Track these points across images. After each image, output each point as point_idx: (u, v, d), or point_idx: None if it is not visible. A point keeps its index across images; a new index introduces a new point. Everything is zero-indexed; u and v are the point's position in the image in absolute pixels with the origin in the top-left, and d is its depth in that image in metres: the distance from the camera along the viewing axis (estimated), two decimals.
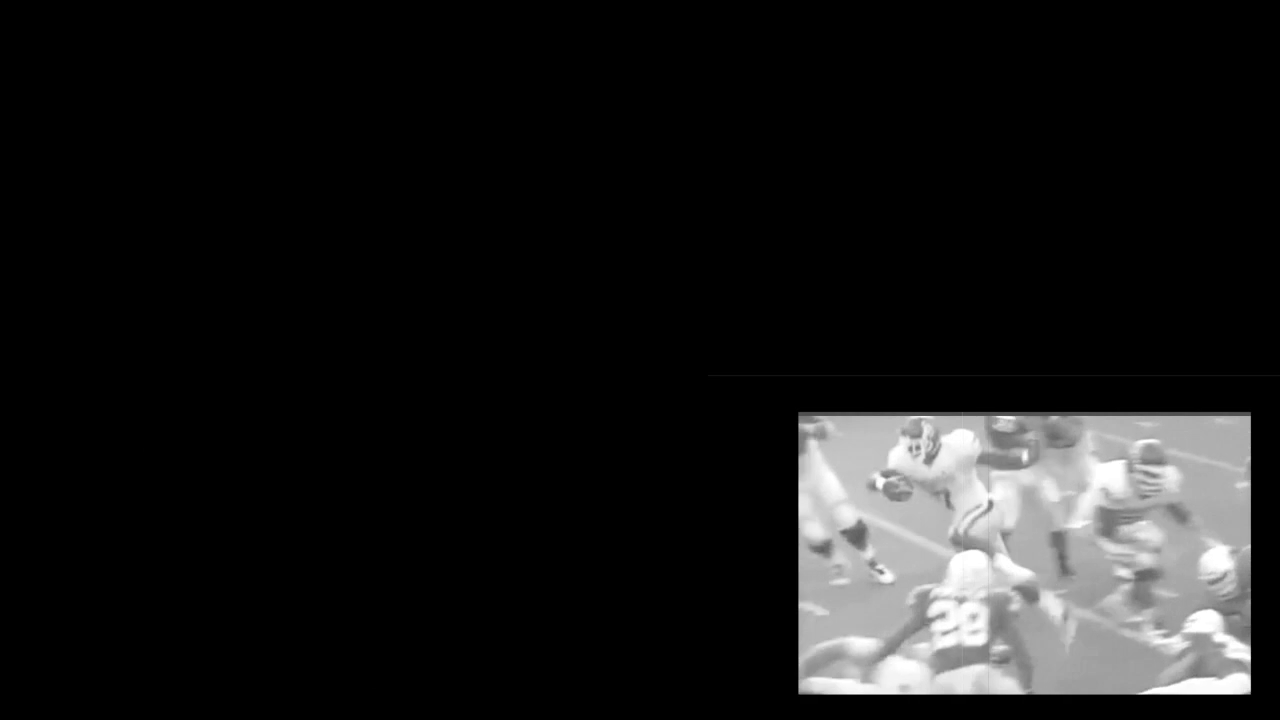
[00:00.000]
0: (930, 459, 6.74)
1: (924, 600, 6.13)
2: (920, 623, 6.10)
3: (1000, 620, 5.97)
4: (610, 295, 6.08)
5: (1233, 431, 5.97)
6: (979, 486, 6.75)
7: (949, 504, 6.73)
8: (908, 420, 6.78)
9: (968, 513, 6.67)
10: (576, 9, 6.07)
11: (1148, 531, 6.61)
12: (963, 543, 6.52)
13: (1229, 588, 6.30)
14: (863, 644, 6.02)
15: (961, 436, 6.76)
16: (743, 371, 6.03)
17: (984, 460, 6.81)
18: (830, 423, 7.23)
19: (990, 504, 6.72)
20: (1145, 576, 6.62)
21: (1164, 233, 6.04)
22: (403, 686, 6.02)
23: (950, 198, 6.06)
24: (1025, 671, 5.98)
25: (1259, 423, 5.95)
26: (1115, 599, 6.65)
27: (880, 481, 6.84)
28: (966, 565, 6.17)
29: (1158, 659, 6.27)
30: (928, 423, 6.74)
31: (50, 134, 6.06)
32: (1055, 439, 7.08)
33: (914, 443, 6.76)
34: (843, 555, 7.23)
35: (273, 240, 6.07)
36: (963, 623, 6.02)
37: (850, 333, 6.06)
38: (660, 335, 6.07)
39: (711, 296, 6.07)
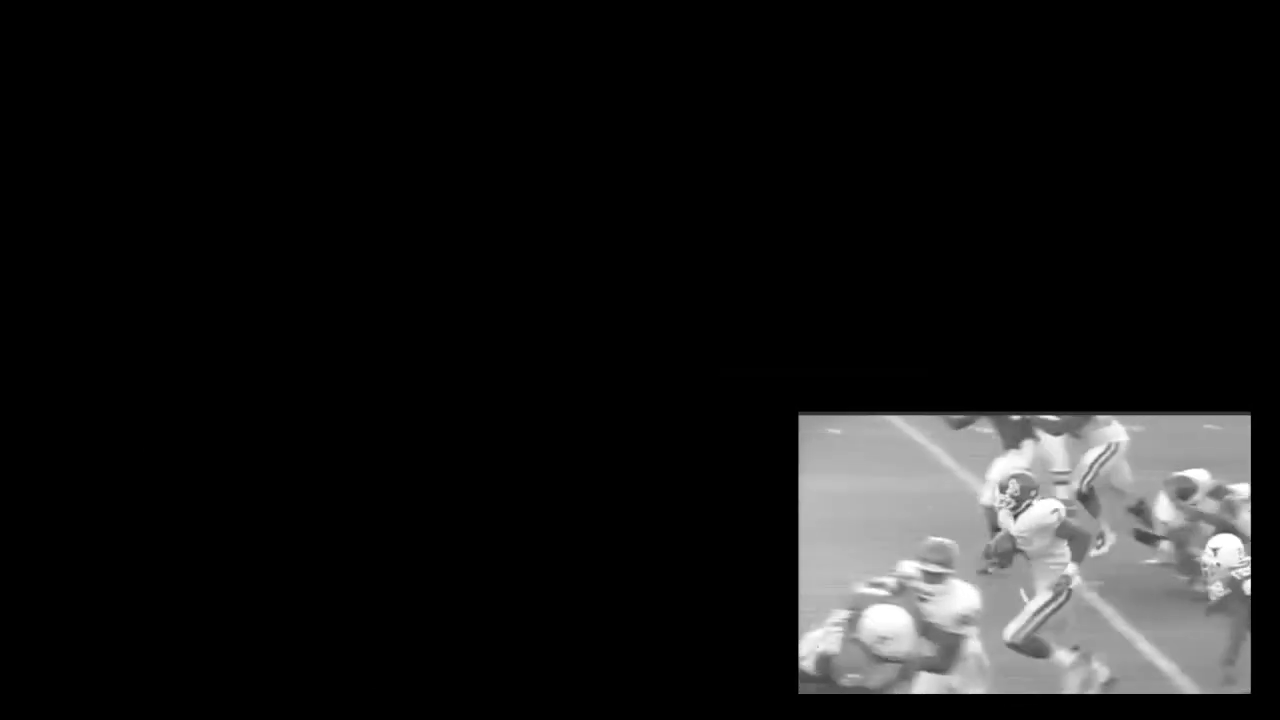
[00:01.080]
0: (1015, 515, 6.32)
1: (1238, 584, 6.27)
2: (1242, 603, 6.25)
3: None
4: (609, 296, 6.09)
5: None
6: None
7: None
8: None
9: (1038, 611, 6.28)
10: (578, 10, 6.07)
11: None
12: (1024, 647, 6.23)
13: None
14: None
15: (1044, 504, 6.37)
16: (744, 370, 6.03)
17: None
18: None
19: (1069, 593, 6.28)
20: None
21: (1164, 234, 6.04)
22: (403, 686, 6.02)
23: (952, 199, 6.06)
24: None
25: (1259, 423, 5.96)
26: None
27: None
28: (1235, 546, 6.31)
29: None
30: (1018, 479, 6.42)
31: (50, 134, 6.06)
32: None
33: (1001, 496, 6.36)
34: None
35: (280, 243, 6.08)
36: None
37: (850, 333, 6.06)
38: (662, 334, 6.07)
39: (712, 297, 6.07)
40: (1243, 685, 6.08)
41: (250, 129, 6.08)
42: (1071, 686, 6.12)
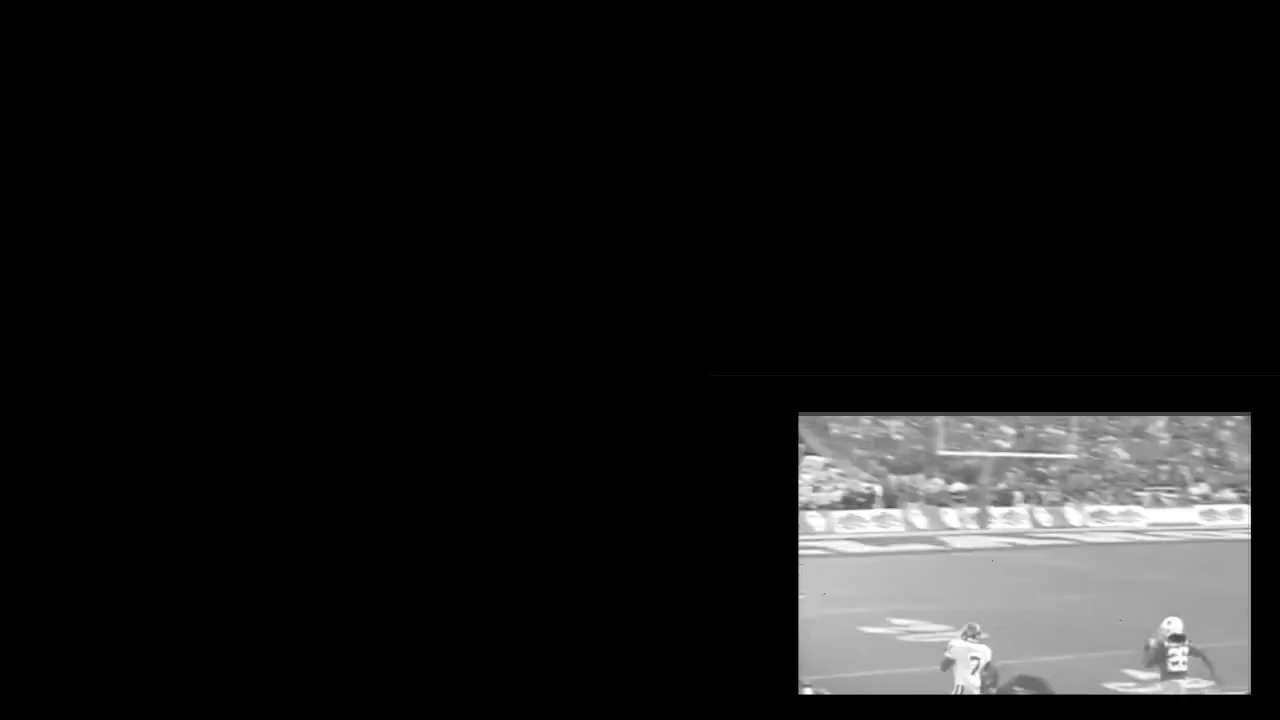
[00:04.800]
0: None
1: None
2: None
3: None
4: (611, 295, 6.10)
5: None
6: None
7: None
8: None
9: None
10: (577, 11, 6.08)
11: None
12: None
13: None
14: None
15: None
16: (743, 371, 6.03)
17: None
18: None
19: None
20: None
21: (1164, 234, 6.04)
22: (405, 686, 6.03)
23: (950, 199, 6.07)
24: None
25: (1259, 423, 5.96)
26: None
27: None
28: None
29: None
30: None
31: (52, 135, 6.08)
32: None
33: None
34: None
35: (275, 244, 6.10)
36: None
37: (850, 333, 6.07)
38: (660, 335, 6.08)
39: (712, 297, 6.08)
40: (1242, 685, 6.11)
41: (250, 129, 6.09)
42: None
